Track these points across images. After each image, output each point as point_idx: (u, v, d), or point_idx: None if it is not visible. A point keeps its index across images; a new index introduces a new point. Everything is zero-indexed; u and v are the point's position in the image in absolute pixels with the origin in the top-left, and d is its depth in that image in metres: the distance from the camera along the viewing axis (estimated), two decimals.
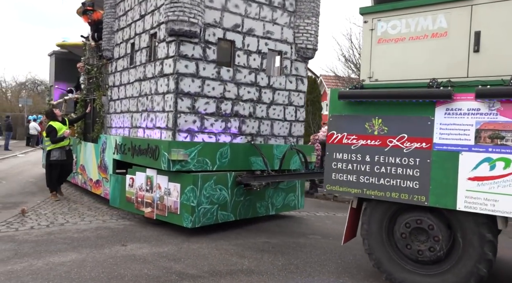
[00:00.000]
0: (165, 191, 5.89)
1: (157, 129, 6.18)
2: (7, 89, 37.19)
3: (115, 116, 7.81)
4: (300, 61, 7.10)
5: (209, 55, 6.02)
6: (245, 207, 6.38)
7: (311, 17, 6.90)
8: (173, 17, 5.57)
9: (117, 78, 7.77)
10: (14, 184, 10.58)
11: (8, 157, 17.72)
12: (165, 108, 5.95)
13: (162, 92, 6.05)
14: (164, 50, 6.01)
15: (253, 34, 6.48)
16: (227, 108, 6.27)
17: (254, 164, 6.48)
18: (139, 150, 6.37)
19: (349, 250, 5.48)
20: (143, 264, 4.64)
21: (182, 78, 5.77)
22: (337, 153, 4.16)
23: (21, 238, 5.53)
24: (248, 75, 6.48)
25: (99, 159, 8.10)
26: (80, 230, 6.02)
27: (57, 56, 13.11)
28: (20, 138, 25.36)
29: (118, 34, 7.78)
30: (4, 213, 6.96)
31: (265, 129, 6.75)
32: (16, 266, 4.42)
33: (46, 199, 8.40)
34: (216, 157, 6.00)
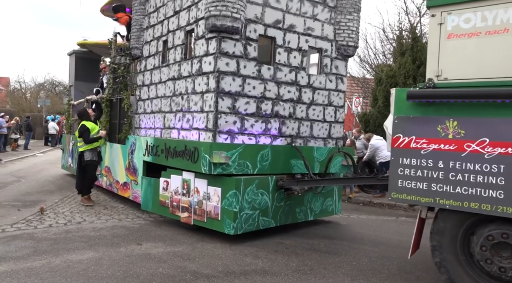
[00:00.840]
0: (204, 195, 5.61)
1: (194, 130, 5.90)
2: (26, 90, 37.83)
3: (145, 116, 7.55)
4: (340, 59, 6.77)
5: (250, 52, 5.73)
6: (285, 213, 6.07)
7: (352, 13, 6.57)
8: (215, 12, 5.29)
9: (147, 77, 7.51)
10: (33, 182, 10.76)
11: (27, 156, 17.95)
12: (204, 108, 5.66)
13: (201, 91, 5.76)
14: (203, 48, 5.73)
15: (294, 30, 6.17)
16: (267, 109, 5.96)
17: (295, 167, 6.17)
18: (174, 152, 6.10)
19: (364, 253, 5.39)
20: (158, 263, 4.68)
21: (223, 77, 5.48)
22: (404, 158, 3.83)
23: (40, 235, 5.63)
24: (289, 73, 6.17)
25: (127, 161, 7.86)
26: (97, 229, 6.10)
27: (77, 56, 12.96)
28: (38, 138, 25.58)
29: (148, 32, 7.52)
30: (24, 211, 7.11)
31: (305, 130, 6.43)
32: (35, 263, 4.51)
33: (64, 198, 8.57)
34: (257, 160, 5.70)
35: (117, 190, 8.35)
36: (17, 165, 14.80)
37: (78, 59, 12.93)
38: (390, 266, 4.91)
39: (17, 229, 5.95)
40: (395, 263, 5.02)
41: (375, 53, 19.85)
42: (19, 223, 6.31)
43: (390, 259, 5.20)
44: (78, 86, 13.00)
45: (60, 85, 38.31)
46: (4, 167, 14.04)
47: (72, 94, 12.99)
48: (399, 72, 12.03)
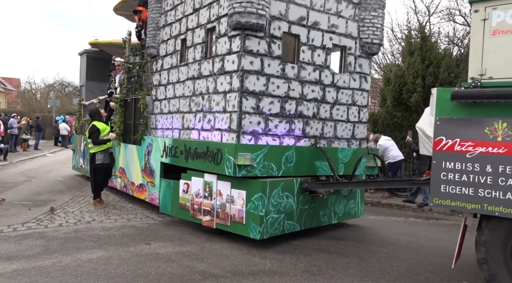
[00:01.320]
0: (228, 198, 5.44)
1: (216, 131, 5.72)
2: (36, 90, 38.26)
3: (161, 117, 7.39)
4: (364, 57, 6.57)
5: (274, 50, 5.54)
6: (309, 216, 5.88)
7: (377, 9, 6.36)
8: (239, 8, 5.10)
9: (164, 77, 7.34)
10: (44, 182, 10.87)
11: (37, 156, 18.08)
12: (227, 108, 5.48)
13: (223, 91, 5.58)
14: (226, 46, 5.54)
15: (318, 27, 5.97)
16: (291, 109, 5.77)
17: (319, 168, 5.98)
18: (195, 153, 5.93)
19: (373, 253, 5.35)
20: (167, 262, 4.70)
21: (247, 76, 5.30)
22: (448, 162, 3.63)
23: (50, 234, 5.69)
24: (313, 72, 5.98)
25: (143, 162, 7.70)
26: (106, 228, 6.15)
27: (89, 55, 12.83)
28: (48, 138, 25.75)
29: (165, 30, 7.35)
30: (34, 210, 7.20)
31: (329, 131, 6.24)
32: (46, 262, 4.56)
33: (74, 197, 8.66)
34: (281, 161, 5.52)
35: (132, 191, 8.20)
36: (27, 165, 14.93)
37: (89, 59, 12.80)
38: (399, 267, 4.87)
39: (28, 228, 6.02)
40: (404, 264, 4.98)
41: (383, 53, 19.53)
42: (30, 222, 6.38)
43: (399, 260, 5.15)
44: (89, 86, 12.88)
45: (69, 86, 38.88)
46: (15, 167, 14.23)
47: (83, 95, 12.88)
48: (408, 72, 11.84)
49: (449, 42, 15.66)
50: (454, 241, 6.23)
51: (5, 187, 9.83)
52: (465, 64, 11.63)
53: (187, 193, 6.11)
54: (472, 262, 5.16)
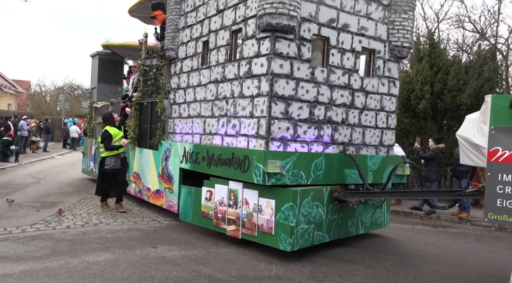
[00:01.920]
0: (255, 207, 5.20)
1: (242, 137, 5.50)
2: (46, 93, 38.72)
3: (180, 121, 7.17)
4: (393, 61, 6.33)
5: (304, 53, 5.31)
6: (338, 226, 5.64)
7: (408, 12, 6.13)
8: (270, 9, 4.89)
9: (183, 80, 7.13)
10: (52, 184, 10.96)
11: (46, 158, 18.20)
12: (255, 113, 5.26)
13: (250, 95, 5.36)
14: (253, 48, 5.33)
15: (348, 30, 5.75)
16: (320, 114, 5.54)
17: (348, 177, 5.73)
18: (219, 160, 5.70)
19: (380, 261, 5.28)
20: (173, 266, 4.70)
21: (276, 80, 5.07)
22: (505, 174, 3.38)
23: (58, 236, 5.73)
24: (342, 76, 5.75)
25: (160, 167, 7.48)
26: (113, 231, 6.17)
27: (101, 57, 12.66)
28: (57, 141, 25.90)
29: (185, 32, 7.15)
30: (43, 212, 7.25)
31: (357, 137, 6.00)
32: (53, 264, 4.58)
33: (81, 200, 8.72)
34: (310, 169, 5.28)
35: (148, 197, 7.98)
36: (36, 167, 14.99)
37: (101, 61, 12.62)
38: (406, 275, 4.78)
39: (36, 230, 6.06)
40: (411, 272, 4.89)
41: None
42: (38, 223, 6.42)
43: (406, 267, 5.04)
44: (100, 88, 12.70)
45: (78, 89, 39.26)
46: (24, 168, 14.33)
47: (94, 97, 12.69)
48: (416, 79, 11.67)
49: (458, 49, 15.60)
50: (462, 249, 6.31)
51: (15, 188, 9.92)
52: (474, 71, 11.49)
53: (210, 201, 5.87)
54: (479, 270, 5.11)
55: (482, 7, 29.22)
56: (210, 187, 5.89)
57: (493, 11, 16.01)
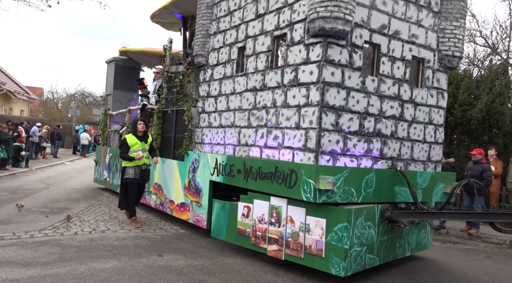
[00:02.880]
0: (301, 226, 4.78)
1: (286, 149, 5.10)
2: (58, 100, 39.38)
3: (210, 131, 6.79)
4: (442, 71, 5.97)
5: (355, 61, 4.95)
6: (387, 248, 5.21)
7: (459, 19, 5.79)
8: (325, 13, 4.53)
9: (214, 88, 6.77)
10: (61, 190, 11.05)
11: (56, 164, 18.27)
12: (302, 124, 4.87)
13: (296, 105, 4.98)
14: (301, 55, 4.97)
15: (398, 37, 5.40)
16: (370, 126, 5.16)
17: (398, 194, 5.32)
18: (258, 173, 5.30)
19: (387, 276, 5.20)
20: (179, 275, 4.69)
21: (327, 89, 4.70)
22: None
23: (66, 242, 5.77)
24: (392, 86, 5.38)
25: (187, 179, 7.08)
26: (120, 238, 6.20)
27: (117, 64, 12.36)
28: (67, 147, 26.05)
29: (217, 38, 6.82)
30: (51, 218, 7.31)
31: (405, 152, 5.60)
32: (61, 270, 4.61)
33: (89, 206, 8.78)
34: (361, 186, 4.87)
35: (171, 210, 7.56)
36: (46, 172, 15.07)
37: (117, 67, 12.32)
38: None
39: (44, 235, 6.10)
40: None
41: None
42: (46, 229, 6.48)
43: None
44: (116, 95, 12.37)
45: (90, 96, 39.84)
46: (35, 174, 14.44)
47: (109, 104, 12.36)
48: None
49: (469, 63, 15.40)
50: (472, 266, 6.05)
51: (24, 193, 10.00)
52: (485, 86, 11.20)
53: (247, 218, 5.45)
54: None
55: (493, 22, 29.11)
56: (248, 202, 5.48)
57: (504, 26, 15.88)
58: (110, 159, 11.06)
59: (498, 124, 10.76)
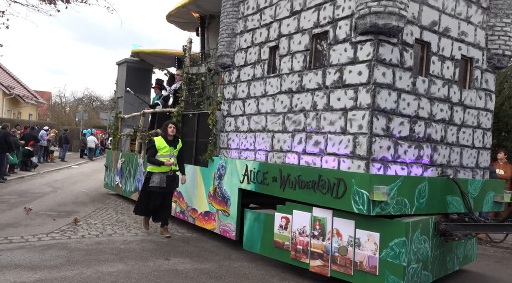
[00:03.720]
0: (350, 240, 4.38)
1: (329, 156, 4.71)
2: (66, 104, 39.76)
3: (237, 135, 6.40)
4: (491, 71, 5.58)
5: (406, 60, 4.56)
6: (439, 263, 4.81)
7: (510, 15, 5.40)
8: (377, 7, 4.15)
9: (242, 90, 6.39)
10: (68, 193, 11.07)
11: (63, 167, 18.35)
12: (349, 129, 4.48)
13: (342, 108, 4.59)
14: (347, 54, 4.58)
15: (448, 35, 5.01)
16: (420, 131, 4.76)
17: (450, 205, 4.93)
18: (297, 182, 4.91)
19: None
20: (185, 279, 4.68)
21: (379, 91, 4.31)
22: None
23: (73, 246, 5.78)
24: (442, 88, 4.99)
25: (212, 187, 6.69)
26: (127, 242, 6.22)
27: (129, 65, 11.99)
28: (75, 151, 26.23)
29: (244, 37, 6.44)
30: (59, 221, 7.35)
31: (455, 158, 5.20)
32: (68, 273, 4.61)
33: (96, 210, 8.78)
34: (414, 196, 4.48)
35: (193, 219, 7.16)
36: (54, 176, 15.15)
37: (129, 69, 11.94)
38: None
39: (52, 239, 6.12)
40: None
41: None
42: (54, 232, 6.50)
43: None
44: (128, 98, 11.97)
45: (97, 100, 40.19)
46: (42, 177, 14.53)
47: (120, 107, 11.97)
48: None
49: None
50: (482, 272, 5.78)
51: (32, 197, 10.08)
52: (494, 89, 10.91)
53: (286, 230, 5.05)
54: None
55: None
56: (286, 213, 5.08)
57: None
58: (122, 163, 10.68)
59: (507, 127, 10.45)
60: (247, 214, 5.69)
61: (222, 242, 6.53)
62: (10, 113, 24.66)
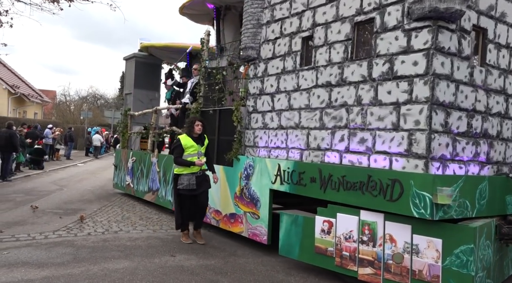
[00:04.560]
0: (406, 247, 3.99)
1: (378, 154, 4.31)
2: (70, 102, 39.81)
3: (265, 132, 6.00)
4: None
5: (464, 48, 4.15)
6: (498, 268, 4.43)
7: None
8: None
9: (270, 84, 5.98)
10: (74, 191, 11.11)
11: (69, 166, 18.13)
12: (403, 125, 4.08)
13: (394, 102, 4.19)
14: (398, 42, 4.17)
15: (504, 20, 4.61)
16: (477, 126, 4.37)
17: (509, 206, 4.55)
18: (341, 183, 4.51)
19: None
20: (191, 275, 4.69)
21: (437, 82, 3.91)
22: None
23: (79, 243, 5.81)
24: (498, 78, 4.59)
25: (238, 187, 6.29)
26: (132, 239, 6.22)
27: (138, 60, 11.54)
28: (80, 149, 26.24)
29: (271, 27, 6.02)
30: (65, 219, 7.39)
31: (510, 155, 4.82)
32: (74, 270, 4.63)
33: (102, 207, 8.77)
34: (475, 197, 4.10)
35: (217, 221, 6.77)
36: (59, 174, 15.21)
37: (138, 64, 11.50)
38: None
39: (58, 236, 6.16)
40: None
41: None
42: (60, 230, 6.54)
43: None
44: (137, 94, 11.56)
45: (101, 98, 40.04)
46: (48, 176, 14.60)
47: (129, 104, 11.54)
48: None
49: None
50: None
51: (39, 195, 10.14)
52: None
53: (329, 234, 4.66)
54: None
55: None
56: (328, 216, 4.69)
57: None
58: (133, 163, 10.28)
59: None
60: (282, 217, 5.29)
61: (227, 238, 6.47)
62: (16, 112, 24.84)
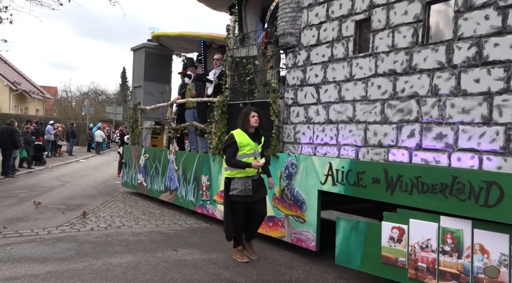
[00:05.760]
0: (503, 259, 3.46)
1: (463, 152, 3.76)
2: (72, 98, 39.73)
3: (309, 128, 5.44)
4: None
5: None
6: None
7: None
8: None
9: (314, 73, 5.40)
10: (77, 187, 11.18)
11: (71, 161, 18.21)
12: (496, 118, 3.53)
13: (484, 91, 3.63)
14: (489, 22, 3.60)
15: None
16: None
17: None
18: (416, 184, 3.97)
19: None
20: (194, 269, 4.71)
21: None
22: None
23: (82, 238, 5.85)
24: None
25: (278, 188, 5.73)
26: (135, 233, 6.25)
27: (148, 51, 10.85)
28: (82, 145, 26.10)
29: (314, 11, 5.42)
30: (68, 214, 7.46)
31: None
32: (78, 265, 4.67)
33: (105, 202, 8.82)
34: None
35: None
36: (62, 170, 15.28)
37: (148, 55, 10.80)
38: None
39: (61, 231, 6.21)
40: None
41: None
42: (63, 225, 6.60)
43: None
44: (147, 87, 10.88)
45: (103, 94, 39.92)
46: (51, 171, 14.64)
47: (139, 97, 10.86)
48: None
49: None
50: None
51: (41, 190, 10.23)
52: None
53: (400, 243, 4.12)
54: None
55: None
56: (399, 222, 4.15)
57: None
58: (146, 160, 9.66)
59: None
60: (339, 222, 4.74)
61: None
62: (17, 108, 24.64)
